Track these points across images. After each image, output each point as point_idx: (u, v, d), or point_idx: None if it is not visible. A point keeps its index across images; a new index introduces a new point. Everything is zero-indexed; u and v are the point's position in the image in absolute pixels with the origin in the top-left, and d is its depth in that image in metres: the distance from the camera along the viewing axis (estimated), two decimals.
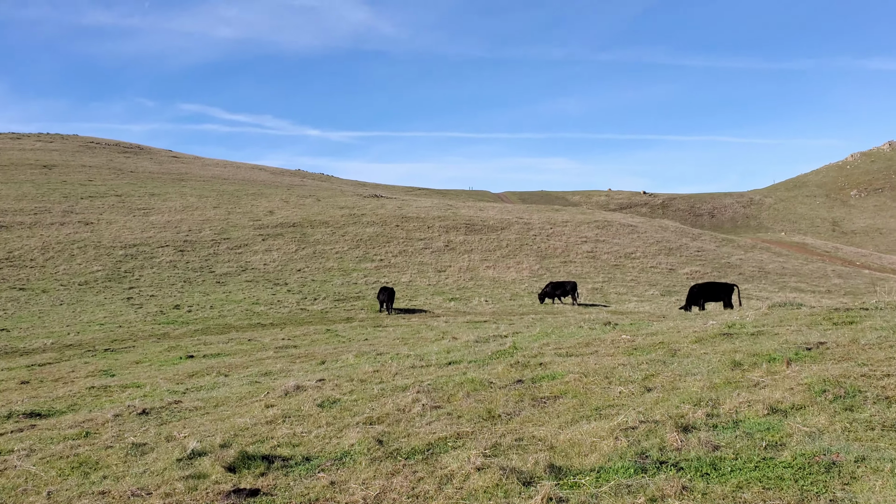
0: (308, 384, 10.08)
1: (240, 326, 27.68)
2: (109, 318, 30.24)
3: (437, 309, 33.66)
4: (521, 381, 8.85)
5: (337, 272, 43.16)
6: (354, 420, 7.81)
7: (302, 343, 19.61)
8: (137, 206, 62.15)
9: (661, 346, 10.02)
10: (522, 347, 11.45)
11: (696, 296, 27.36)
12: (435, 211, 65.93)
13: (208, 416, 9.10)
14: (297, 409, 8.73)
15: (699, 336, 10.43)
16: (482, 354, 11.35)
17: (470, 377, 9.31)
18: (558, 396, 7.98)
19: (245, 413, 8.79)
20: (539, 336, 13.14)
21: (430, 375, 10.00)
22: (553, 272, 46.53)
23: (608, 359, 9.64)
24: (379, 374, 10.67)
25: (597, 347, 10.68)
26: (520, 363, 9.89)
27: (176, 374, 14.34)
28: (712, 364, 8.58)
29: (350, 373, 11.05)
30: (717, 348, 9.46)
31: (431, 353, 12.27)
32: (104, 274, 40.81)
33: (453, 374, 9.86)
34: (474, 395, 8.42)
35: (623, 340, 10.81)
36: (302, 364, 14.13)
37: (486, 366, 10.28)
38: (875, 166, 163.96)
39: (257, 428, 8.01)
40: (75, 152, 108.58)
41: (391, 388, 9.34)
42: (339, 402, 8.87)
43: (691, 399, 7.12)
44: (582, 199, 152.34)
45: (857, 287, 53.23)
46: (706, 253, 60.79)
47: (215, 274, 41.48)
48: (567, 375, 8.76)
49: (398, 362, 11.59)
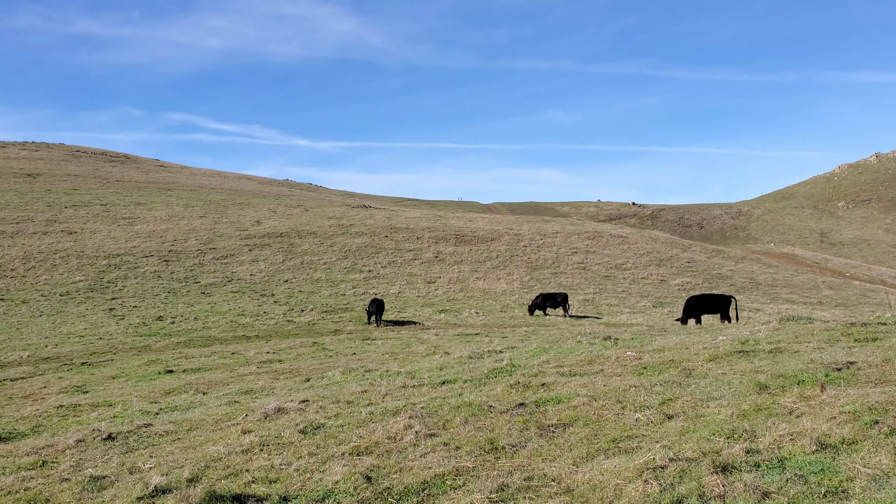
0: (290, 406, 9.33)
1: (224, 339, 26.88)
2: (90, 330, 29.37)
3: (427, 321, 32.97)
4: (523, 405, 8.17)
5: (325, 283, 42.40)
6: (340, 450, 7.06)
7: (287, 357, 18.86)
8: (122, 215, 61.16)
9: (672, 365, 9.37)
10: (521, 365, 10.78)
11: (693, 308, 26.73)
12: (424, 222, 65.29)
13: (179, 442, 8.34)
14: (276, 435, 7.97)
15: (713, 354, 9.75)
16: (478, 372, 10.67)
17: (467, 399, 8.62)
18: (568, 424, 7.27)
19: (220, 439, 8.03)
20: (537, 352, 12.44)
21: (422, 397, 9.30)
22: (544, 283, 45.94)
23: (617, 379, 8.98)
24: (367, 394, 9.94)
25: (602, 365, 10.02)
26: (520, 384, 9.18)
27: (152, 391, 13.56)
28: (734, 386, 7.90)
29: (336, 393, 10.33)
30: (736, 368, 8.79)
31: (423, 371, 11.57)
32: (86, 284, 39.88)
33: (448, 395, 9.17)
34: (473, 421, 7.70)
35: (629, 358, 10.19)
36: (286, 381, 13.37)
37: (483, 386, 9.59)
38: (862, 178, 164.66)
39: (232, 458, 7.25)
40: (61, 161, 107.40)
41: (381, 411, 8.62)
42: (324, 427, 8.13)
43: (722, 430, 6.33)
44: (571, 210, 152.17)
45: (849, 298, 52.92)
46: (697, 264, 60.39)
47: (200, 284, 40.64)
48: (574, 398, 8.09)
49: (388, 381, 10.89)
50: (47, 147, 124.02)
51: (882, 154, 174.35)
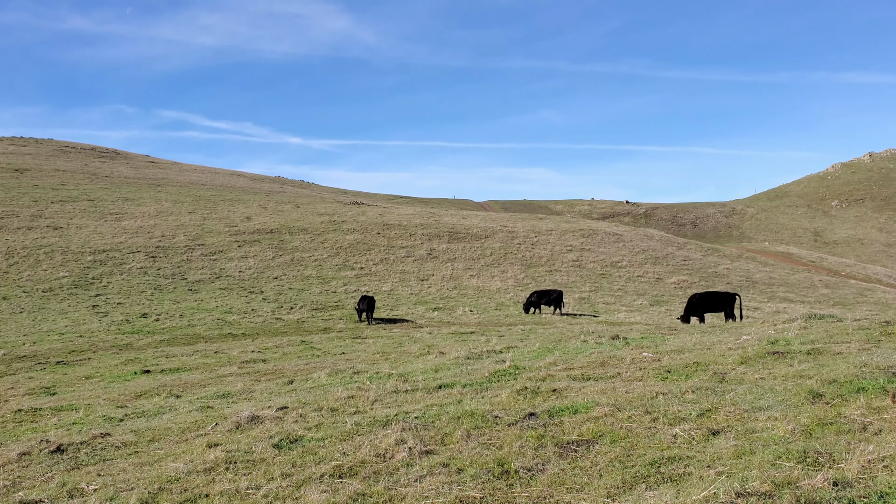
0: (266, 414, 8.30)
1: (209, 337, 25.88)
2: (71, 328, 28.34)
3: (419, 319, 32.05)
4: (534, 415, 7.11)
5: (315, 280, 41.44)
6: (319, 470, 6.01)
7: (272, 356, 17.88)
8: (110, 210, 60.00)
9: (699, 369, 8.36)
10: (525, 367, 9.76)
11: (696, 306, 25.81)
12: (417, 219, 64.32)
13: (136, 456, 7.35)
14: (247, 450, 6.95)
15: (743, 356, 8.72)
16: (478, 375, 9.64)
17: (468, 408, 7.59)
18: (591, 441, 6.14)
19: (182, 454, 7.04)
20: (540, 352, 11.44)
21: (416, 404, 8.26)
22: (539, 281, 45.11)
23: (639, 384, 7.91)
24: (354, 400, 8.90)
25: (617, 368, 8.99)
26: (528, 389, 8.13)
27: (122, 393, 12.57)
28: (781, 394, 6.84)
29: (320, 398, 9.32)
30: (775, 372, 7.77)
31: (417, 373, 10.57)
32: (70, 280, 38.82)
33: (446, 402, 8.16)
34: (476, 435, 6.64)
35: (646, 360, 9.17)
36: (267, 383, 12.39)
37: (485, 391, 8.54)
38: (856, 177, 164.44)
39: (191, 479, 6.24)
40: (49, 156, 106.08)
41: (369, 421, 7.59)
42: (302, 441, 7.11)
43: (789, 452, 5.14)
44: (565, 209, 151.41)
45: (846, 297, 52.38)
46: (692, 262, 59.68)
47: (188, 281, 39.62)
48: (594, 408, 7.02)
49: (378, 384, 9.88)
50: (36, 142, 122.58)
51: (875, 153, 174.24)
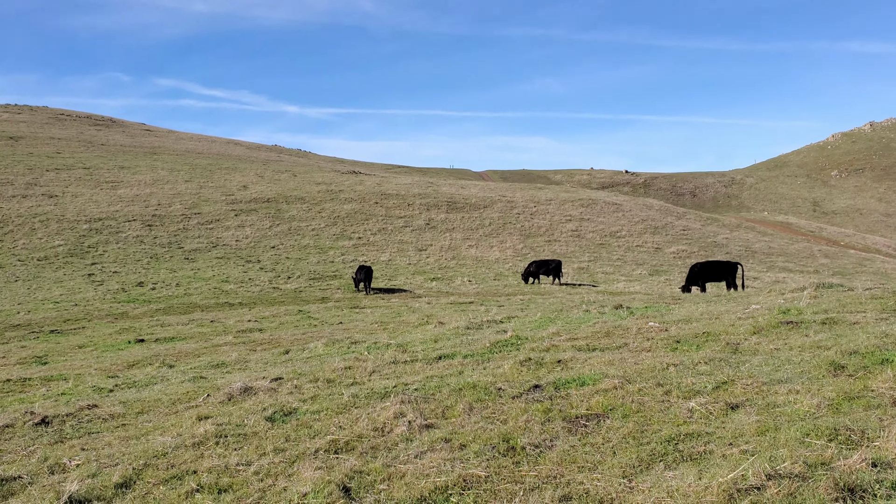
0: (260, 385, 8.05)
1: (205, 306, 25.62)
2: (66, 296, 28.08)
3: (418, 289, 31.81)
4: (538, 387, 6.77)
5: (313, 250, 41.14)
6: (314, 445, 5.71)
7: (269, 326, 17.62)
8: (106, 179, 59.47)
9: (709, 339, 8.04)
10: (527, 337, 9.47)
11: (697, 275, 25.53)
12: (415, 188, 63.86)
13: (123, 429, 7.13)
14: (238, 423, 6.66)
15: (756, 326, 8.38)
16: (479, 345, 9.33)
17: (469, 380, 7.26)
18: (601, 415, 5.77)
19: (171, 427, 6.79)
20: (542, 322, 11.15)
21: (416, 375, 7.96)
22: (537, 251, 44.86)
23: (647, 356, 7.58)
24: (351, 371, 8.58)
25: (623, 338, 8.66)
26: (532, 360, 7.79)
27: (115, 363, 12.30)
28: (799, 365, 6.52)
29: (316, 369, 9.03)
30: (790, 342, 7.44)
31: (416, 343, 10.32)
32: (66, 249, 38.48)
33: (447, 373, 7.85)
34: (479, 408, 6.32)
35: (653, 329, 8.89)
36: (262, 353, 12.11)
37: (487, 362, 8.21)
38: (856, 147, 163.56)
39: (179, 454, 5.96)
40: (44, 124, 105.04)
41: (366, 393, 7.27)
42: (296, 413, 6.80)
43: (818, 429, 4.75)
44: (564, 178, 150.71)
45: (845, 267, 52.23)
46: (692, 232, 59.42)
47: (184, 250, 39.30)
48: (602, 380, 6.67)
49: (376, 355, 9.59)
50: (31, 110, 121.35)
51: (876, 123, 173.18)
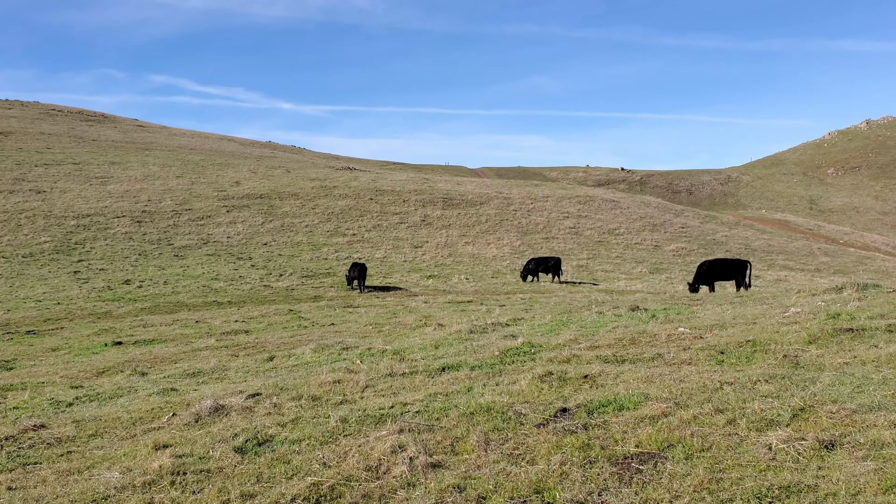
0: (234, 403, 7.05)
1: (193, 305, 24.75)
2: (49, 294, 27.18)
3: (414, 287, 30.98)
4: (566, 412, 5.64)
5: (306, 247, 40.27)
6: (290, 489, 4.61)
7: (256, 327, 16.75)
8: (95, 174, 58.47)
9: (758, 350, 7.03)
10: (541, 345, 8.43)
11: (706, 274, 24.73)
12: (411, 184, 62.99)
13: (67, 459, 6.15)
14: (202, 454, 5.63)
15: (811, 334, 7.34)
16: (486, 354, 8.31)
17: (481, 400, 6.15)
18: (657, 456, 4.57)
19: (122, 458, 5.86)
20: (554, 326, 10.22)
21: (416, 393, 6.90)
22: (535, 248, 44.07)
23: (690, 370, 6.50)
24: (341, 386, 7.55)
25: (655, 348, 7.58)
26: (553, 375, 6.66)
27: (84, 369, 11.40)
28: (884, 385, 5.45)
29: (301, 381, 8.03)
30: (859, 355, 6.44)
31: (414, 349, 9.41)
32: (52, 245, 37.55)
33: (452, 389, 6.81)
34: (497, 440, 5.16)
35: (686, 337, 7.89)
36: (245, 359, 11.22)
37: (498, 375, 7.17)
38: (852, 145, 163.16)
39: (123, 498, 4.93)
40: (35, 119, 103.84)
41: (358, 416, 6.23)
42: (273, 443, 5.76)
43: None
44: (560, 175, 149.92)
45: (846, 265, 51.62)
46: (690, 229, 58.75)
47: (174, 247, 38.40)
48: (644, 403, 5.53)
49: (370, 364, 8.65)
50: (21, 105, 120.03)
51: (872, 121, 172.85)
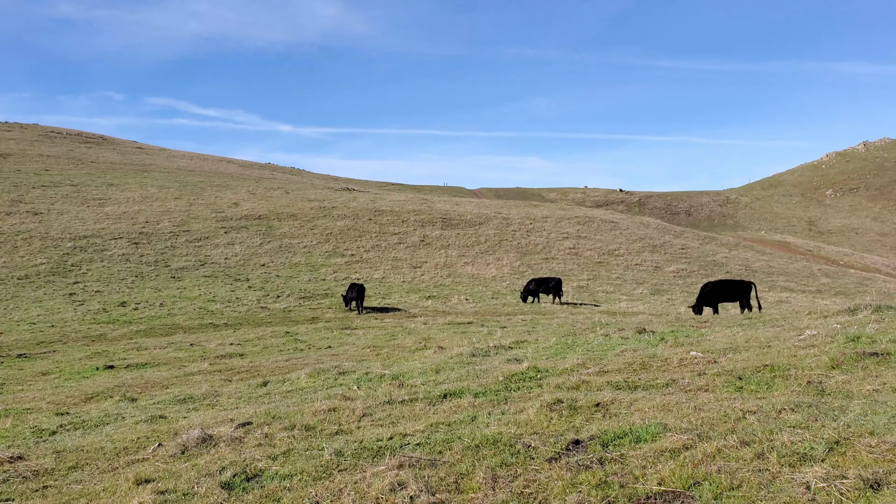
0: (223, 433, 6.65)
1: (189, 327, 24.40)
2: (43, 317, 26.83)
3: (412, 308, 30.64)
4: (579, 444, 5.26)
5: (304, 267, 39.98)
6: None
7: (251, 350, 16.40)
8: (93, 196, 58.29)
9: (778, 375, 6.66)
10: (547, 369, 8.06)
11: (709, 295, 24.40)
12: (409, 205, 62.85)
13: (42, 496, 5.73)
14: (186, 490, 5.27)
15: (833, 359, 6.95)
16: (490, 379, 7.93)
17: (487, 432, 5.76)
18: (683, 496, 4.22)
19: (100, 494, 5.48)
20: (559, 349, 9.86)
21: (417, 422, 6.48)
22: (535, 269, 43.79)
23: (708, 397, 6.07)
24: (336, 415, 7.14)
25: (667, 373, 7.19)
26: (563, 403, 6.24)
27: (72, 395, 11.04)
28: None
29: (294, 410, 7.62)
30: (889, 381, 6.07)
31: (414, 374, 9.04)
32: (48, 267, 37.23)
33: (455, 419, 6.40)
34: (506, 477, 4.78)
35: (699, 361, 7.49)
36: (238, 384, 10.86)
37: (504, 403, 6.75)
38: (850, 166, 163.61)
39: None
40: (34, 142, 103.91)
41: (354, 448, 5.81)
42: (262, 478, 5.39)
43: None
44: (558, 196, 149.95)
45: (847, 287, 51.33)
46: (690, 250, 58.54)
47: (171, 268, 38.09)
48: (664, 435, 5.10)
49: (367, 390, 8.27)
50: (20, 127, 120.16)
51: (870, 142, 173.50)
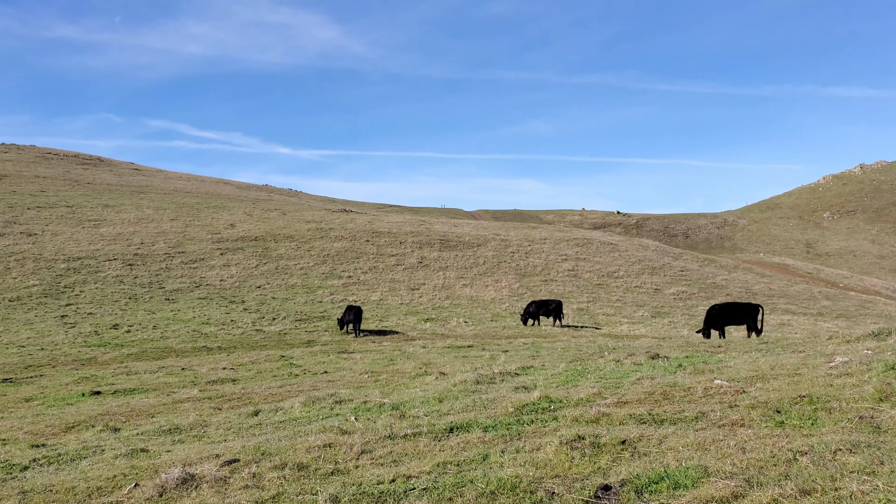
0: (206, 472, 6.01)
1: (181, 350, 23.82)
2: (33, 340, 26.23)
3: (411, 331, 30.09)
4: (609, 490, 4.76)
5: (301, 289, 39.43)
6: None
7: (244, 375, 15.84)
8: (88, 217, 57.81)
9: (819, 408, 6.08)
10: (561, 400, 7.44)
11: (716, 318, 23.93)
12: (407, 226, 62.43)
13: None
14: None
15: (879, 390, 6.36)
16: (499, 410, 7.28)
17: (502, 474, 5.10)
18: None
19: None
20: (570, 376, 9.27)
21: (422, 461, 5.78)
22: (534, 291, 43.28)
23: (746, 433, 5.49)
24: (332, 451, 6.46)
25: (692, 403, 6.59)
26: (585, 440, 5.62)
27: (52, 423, 10.45)
28: None
29: (286, 445, 6.94)
30: None
31: (416, 403, 8.44)
32: (40, 289, 36.65)
33: (464, 458, 5.71)
34: None
35: (727, 391, 6.88)
36: (228, 413, 10.28)
37: (517, 439, 6.06)
38: (847, 189, 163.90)
39: None
40: (30, 163, 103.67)
41: (352, 494, 5.12)
42: None
43: None
44: (556, 218, 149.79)
45: (848, 310, 50.90)
46: (690, 273, 58.13)
47: (165, 290, 37.52)
48: (706, 480, 4.60)
49: (366, 422, 7.62)
50: (17, 149, 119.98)
51: (866, 165, 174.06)
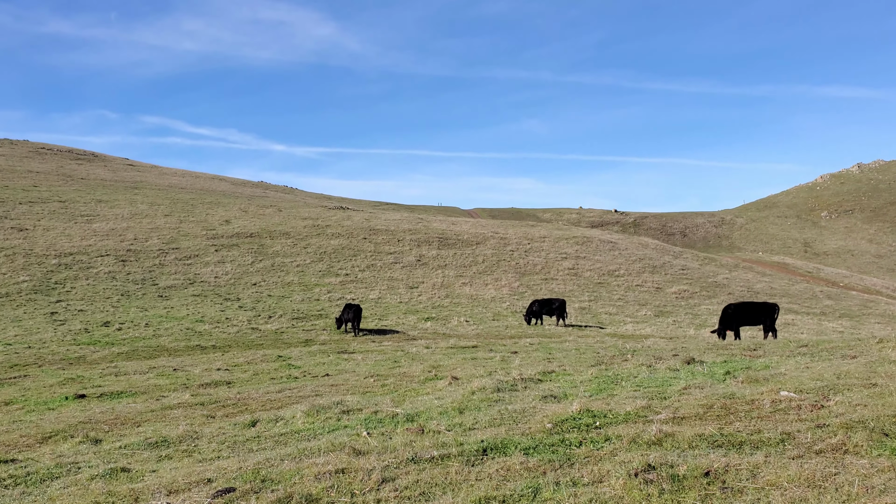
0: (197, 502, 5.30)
1: (174, 349, 22.97)
2: (20, 337, 25.36)
3: (411, 330, 29.28)
4: None
5: (297, 287, 38.59)
6: None
7: (240, 377, 15.00)
8: (81, 212, 56.84)
9: None
10: (605, 414, 6.56)
11: (732, 318, 23.19)
12: (405, 224, 61.61)
13: None
14: None
15: None
16: (534, 425, 6.38)
17: None
18: None
19: None
20: (602, 384, 8.37)
21: (457, 496, 4.79)
22: (534, 290, 42.53)
23: (860, 464, 4.77)
24: (347, 479, 5.41)
25: (772, 422, 5.71)
26: (657, 471, 4.79)
27: (27, 432, 9.55)
28: None
29: (290, 470, 5.88)
30: None
31: (433, 414, 7.49)
32: (30, 285, 35.74)
33: (509, 491, 4.80)
34: None
35: (799, 405, 6.04)
36: (223, 422, 9.38)
37: (568, 465, 5.21)
38: (845, 188, 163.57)
39: None
40: (23, 158, 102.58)
41: None
42: None
43: None
44: (553, 217, 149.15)
45: (851, 309, 50.32)
46: (691, 271, 57.48)
47: (158, 287, 36.65)
48: None
49: (381, 439, 6.61)
50: (10, 143, 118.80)
51: (864, 164, 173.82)
